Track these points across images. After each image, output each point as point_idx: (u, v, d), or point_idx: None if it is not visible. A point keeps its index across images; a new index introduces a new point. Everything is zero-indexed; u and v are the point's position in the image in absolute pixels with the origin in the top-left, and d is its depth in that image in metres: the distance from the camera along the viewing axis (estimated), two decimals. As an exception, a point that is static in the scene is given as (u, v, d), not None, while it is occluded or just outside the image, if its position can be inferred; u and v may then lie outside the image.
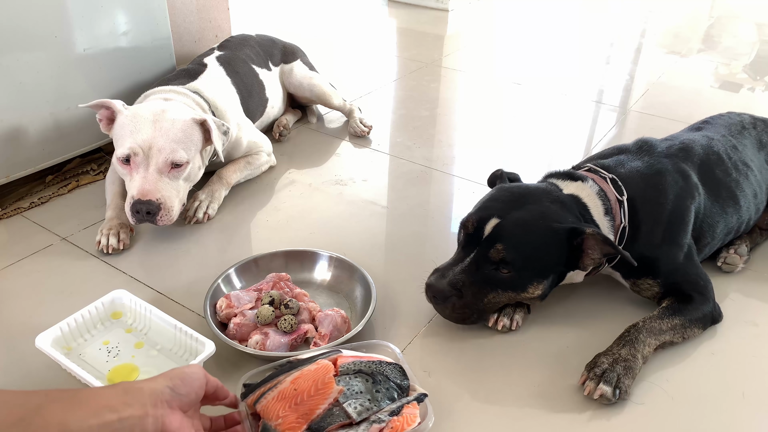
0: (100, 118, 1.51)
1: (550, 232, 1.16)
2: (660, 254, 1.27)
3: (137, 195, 1.39)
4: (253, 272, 1.36)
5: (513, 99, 2.54)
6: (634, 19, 3.91)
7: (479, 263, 1.18)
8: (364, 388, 0.95)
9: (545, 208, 1.20)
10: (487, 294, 1.19)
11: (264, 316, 1.19)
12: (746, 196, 1.42)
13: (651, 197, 1.28)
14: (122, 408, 0.73)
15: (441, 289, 1.18)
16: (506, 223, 1.17)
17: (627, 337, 1.17)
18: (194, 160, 1.50)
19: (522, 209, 1.19)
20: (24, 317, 1.26)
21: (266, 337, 1.16)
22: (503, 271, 1.17)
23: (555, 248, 1.17)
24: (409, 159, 1.98)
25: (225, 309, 1.22)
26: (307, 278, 1.38)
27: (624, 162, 1.36)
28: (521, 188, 1.27)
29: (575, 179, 1.29)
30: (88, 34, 1.67)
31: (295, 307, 1.22)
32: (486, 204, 1.24)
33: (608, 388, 1.08)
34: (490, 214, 1.19)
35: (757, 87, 2.78)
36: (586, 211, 1.24)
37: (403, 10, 3.82)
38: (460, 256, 1.21)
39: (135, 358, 1.12)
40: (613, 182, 1.28)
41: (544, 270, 1.19)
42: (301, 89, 2.13)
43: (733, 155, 1.45)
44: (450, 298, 1.18)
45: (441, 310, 1.22)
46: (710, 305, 1.26)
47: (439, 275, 1.20)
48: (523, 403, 1.10)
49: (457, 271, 1.18)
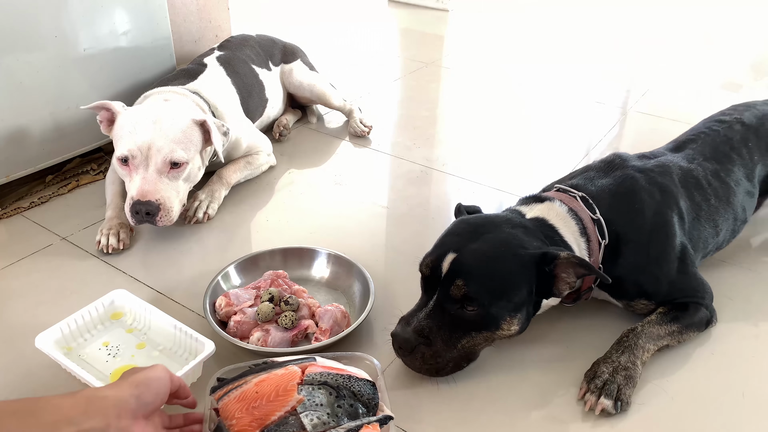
0: (101, 120, 1.51)
1: (514, 259, 1.08)
2: (650, 275, 1.21)
3: (136, 196, 1.39)
4: (252, 270, 1.36)
5: (513, 99, 2.54)
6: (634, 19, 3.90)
7: (443, 305, 1.08)
8: (325, 401, 0.91)
9: (506, 235, 1.11)
10: (460, 339, 1.08)
11: (264, 313, 1.19)
12: (727, 221, 1.36)
13: (627, 217, 1.21)
14: (82, 420, 0.71)
15: (406, 338, 1.07)
16: (463, 256, 1.08)
17: (626, 342, 1.15)
18: (194, 160, 1.49)
19: (479, 240, 1.10)
20: (24, 317, 1.26)
21: (267, 333, 1.16)
22: (469, 308, 1.06)
23: (522, 276, 1.07)
24: (409, 159, 1.98)
25: (224, 307, 1.22)
26: (305, 275, 1.38)
27: (593, 179, 1.28)
28: (478, 219, 1.19)
29: (541, 201, 1.23)
30: (88, 34, 1.68)
31: (294, 304, 1.22)
32: (442, 240, 1.15)
33: (609, 401, 1.06)
34: (445, 251, 1.10)
35: (757, 87, 2.78)
36: (555, 232, 1.17)
37: (403, 10, 3.82)
38: (422, 301, 1.12)
39: (135, 358, 1.12)
40: (584, 200, 1.21)
41: (513, 302, 1.08)
42: (301, 89, 2.13)
43: (714, 182, 1.35)
44: (418, 347, 1.07)
45: (410, 362, 1.10)
46: (706, 311, 1.24)
47: (403, 324, 1.09)
48: (523, 404, 1.10)
49: (422, 317, 1.08)
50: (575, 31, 3.61)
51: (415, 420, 1.06)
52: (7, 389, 1.08)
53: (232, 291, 1.26)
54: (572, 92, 2.60)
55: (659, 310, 1.23)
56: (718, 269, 1.45)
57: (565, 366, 1.18)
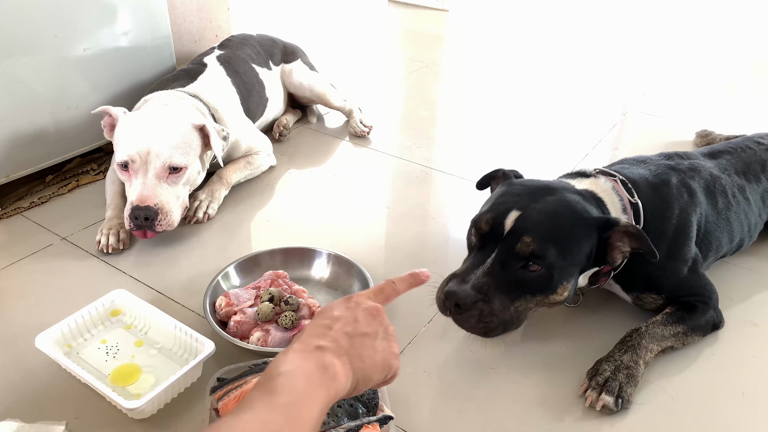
0: (104, 125, 1.52)
1: (580, 222, 1.07)
2: (664, 270, 1.22)
3: (136, 201, 1.40)
4: (252, 270, 1.36)
5: (513, 99, 2.54)
6: (633, 19, 3.90)
7: (504, 262, 1.05)
8: None
9: (568, 198, 1.11)
10: (515, 300, 1.06)
11: (264, 313, 1.19)
12: (741, 230, 1.39)
13: (658, 208, 1.23)
14: None
15: (466, 295, 1.02)
16: (530, 214, 1.05)
17: (629, 342, 1.15)
18: (193, 164, 1.50)
19: (543, 201, 1.08)
20: (24, 317, 1.25)
21: (267, 333, 1.16)
22: (532, 268, 1.04)
23: (586, 240, 1.08)
24: (409, 159, 1.98)
25: (225, 307, 1.22)
26: (305, 275, 1.39)
27: (630, 168, 1.31)
28: (534, 182, 1.17)
29: (587, 176, 1.24)
30: (88, 34, 1.67)
31: (295, 304, 1.22)
32: (499, 200, 1.11)
33: (610, 398, 1.07)
34: (507, 208, 1.07)
35: (757, 87, 2.78)
36: (604, 206, 1.17)
37: (403, 10, 3.82)
38: (478, 258, 1.07)
39: (135, 357, 1.12)
40: (623, 184, 1.23)
41: (574, 265, 1.08)
42: (301, 89, 2.13)
43: (738, 195, 1.39)
44: (476, 304, 1.03)
45: (464, 320, 1.05)
46: (712, 313, 1.25)
47: (459, 280, 1.05)
48: (523, 405, 1.10)
49: (480, 274, 1.04)
50: (575, 31, 3.61)
51: (415, 420, 1.06)
52: (7, 389, 1.09)
53: (232, 291, 1.26)
54: (572, 92, 2.60)
55: (666, 310, 1.23)
56: (718, 269, 1.45)
57: (566, 366, 1.18)
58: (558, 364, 1.19)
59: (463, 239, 1.17)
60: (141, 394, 1.01)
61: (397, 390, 1.11)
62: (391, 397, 1.08)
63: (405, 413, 1.07)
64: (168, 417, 1.04)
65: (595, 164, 1.45)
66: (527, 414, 1.08)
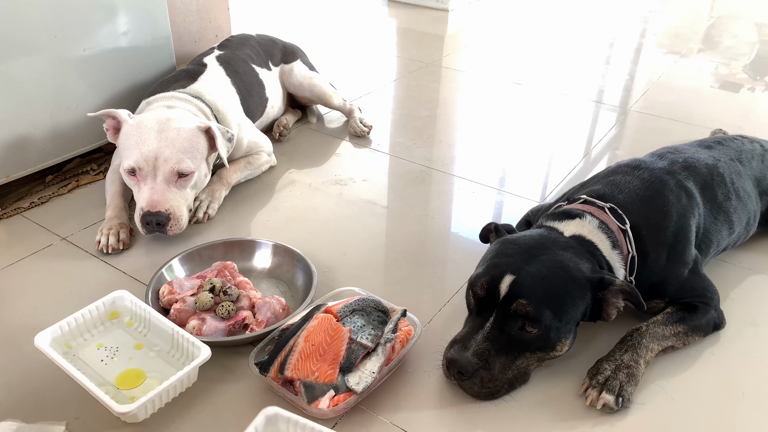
0: (107, 128, 1.52)
1: (574, 283, 1.09)
2: (666, 276, 1.23)
3: (146, 207, 1.40)
4: (195, 261, 1.39)
5: (513, 99, 2.54)
6: (634, 19, 3.90)
7: (502, 326, 1.08)
8: (363, 321, 1.13)
9: (560, 257, 1.11)
10: (515, 360, 1.08)
11: (202, 302, 1.21)
12: (741, 221, 1.40)
13: (654, 221, 1.23)
14: None
15: (467, 363, 1.05)
16: (523, 278, 1.08)
17: (630, 341, 1.16)
18: (200, 168, 1.50)
19: (535, 262, 1.10)
20: (24, 317, 1.25)
21: (203, 322, 1.19)
22: (529, 329, 1.06)
23: (581, 300, 1.09)
24: (409, 159, 1.98)
25: (167, 295, 1.25)
26: (248, 266, 1.41)
27: (620, 185, 1.29)
28: (526, 239, 1.17)
29: (572, 217, 1.23)
30: (88, 35, 1.67)
31: (234, 294, 1.24)
32: (493, 262, 1.13)
33: (611, 397, 1.07)
34: (502, 272, 1.09)
35: (757, 87, 2.78)
36: (595, 248, 1.17)
37: (403, 10, 3.82)
38: (477, 323, 1.10)
39: (132, 359, 1.11)
40: (612, 211, 1.22)
41: (570, 323, 1.10)
42: (301, 89, 2.13)
43: (737, 181, 1.40)
44: (477, 371, 1.06)
45: (468, 387, 1.08)
46: (714, 314, 1.25)
47: (459, 347, 1.07)
48: (524, 404, 1.10)
49: (480, 340, 1.07)
50: (575, 31, 3.61)
51: (416, 420, 1.06)
52: (7, 389, 1.09)
53: (176, 279, 1.29)
54: (572, 92, 2.60)
55: (667, 310, 1.24)
56: (718, 269, 1.45)
57: (567, 365, 1.18)
58: (558, 364, 1.18)
59: (463, 239, 1.18)
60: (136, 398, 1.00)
61: (397, 390, 1.11)
62: (392, 397, 1.08)
63: (405, 413, 1.07)
64: (169, 418, 1.04)
65: (594, 164, 1.44)
66: (528, 413, 1.08)
